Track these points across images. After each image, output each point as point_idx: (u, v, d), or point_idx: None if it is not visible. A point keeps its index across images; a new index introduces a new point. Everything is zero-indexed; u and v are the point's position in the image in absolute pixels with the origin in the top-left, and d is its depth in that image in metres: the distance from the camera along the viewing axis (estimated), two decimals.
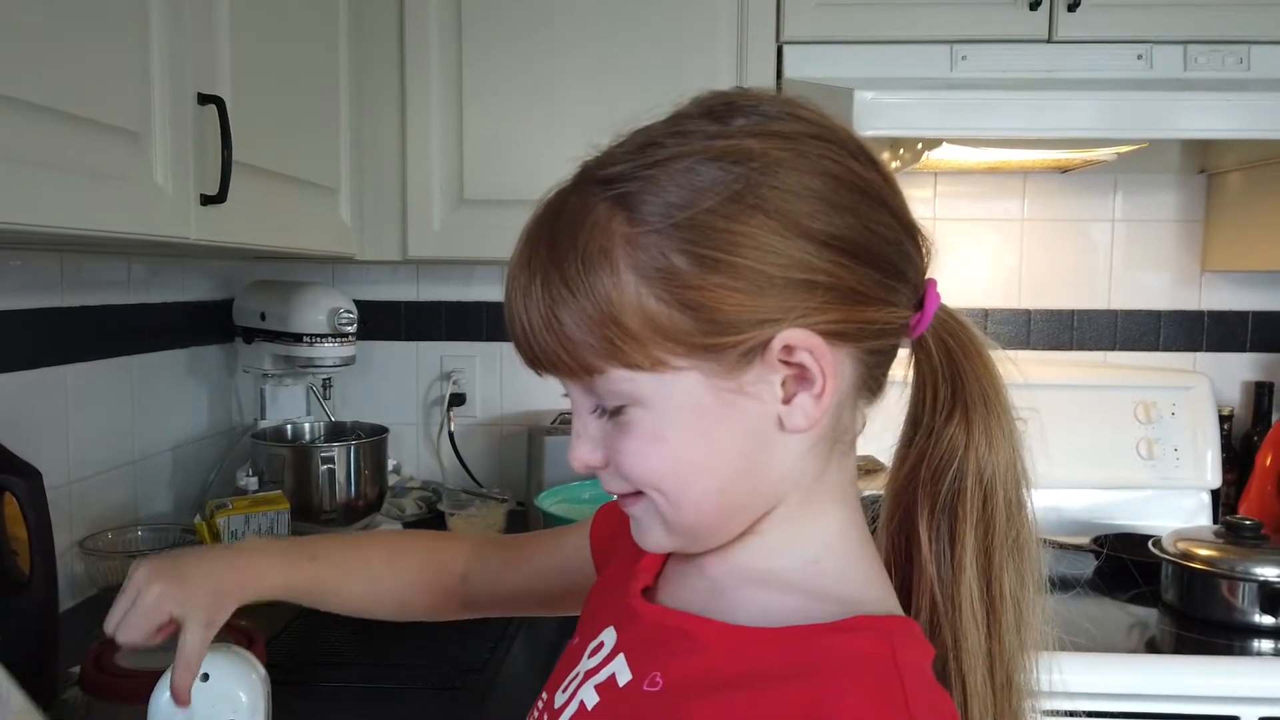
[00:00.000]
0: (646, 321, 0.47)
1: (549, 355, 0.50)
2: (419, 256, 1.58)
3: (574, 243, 0.48)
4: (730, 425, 0.50)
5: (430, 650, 1.18)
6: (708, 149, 0.48)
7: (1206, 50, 1.45)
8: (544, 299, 0.49)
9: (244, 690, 0.71)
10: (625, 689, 0.53)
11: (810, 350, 0.49)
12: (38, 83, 0.76)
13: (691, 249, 0.47)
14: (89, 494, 1.36)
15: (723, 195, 0.47)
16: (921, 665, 0.49)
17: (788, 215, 0.48)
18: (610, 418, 0.51)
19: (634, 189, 0.48)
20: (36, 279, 1.26)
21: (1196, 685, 1.22)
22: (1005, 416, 0.55)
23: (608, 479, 0.54)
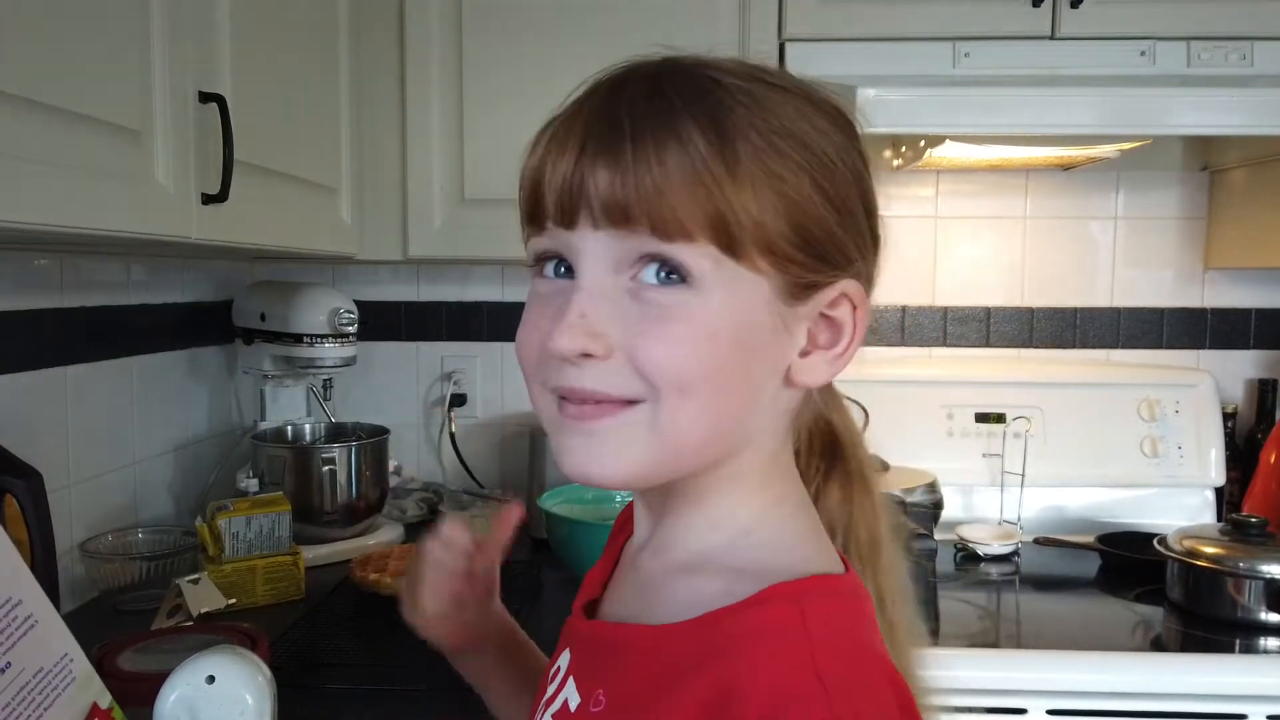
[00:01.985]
0: (755, 206, 0.46)
1: (631, 205, 0.45)
2: (420, 256, 1.57)
3: (703, 103, 0.46)
4: (766, 350, 0.49)
5: (435, 652, 1.17)
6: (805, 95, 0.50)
7: (1210, 46, 1.45)
8: (660, 145, 0.45)
9: (250, 692, 0.70)
10: (575, 714, 0.52)
11: (857, 307, 0.50)
12: (39, 80, 0.75)
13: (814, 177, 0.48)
14: (89, 496, 1.35)
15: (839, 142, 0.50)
16: (838, 622, 0.47)
17: (860, 179, 0.51)
18: (654, 295, 0.46)
19: (754, 90, 0.48)
20: (36, 280, 1.25)
21: (1203, 684, 1.22)
22: (872, 469, 0.59)
23: (599, 374, 0.47)
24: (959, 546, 1.61)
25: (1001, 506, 1.71)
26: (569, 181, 0.47)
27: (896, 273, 1.89)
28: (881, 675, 0.47)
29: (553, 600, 1.40)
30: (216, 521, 1.32)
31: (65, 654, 0.45)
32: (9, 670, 0.41)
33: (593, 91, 0.50)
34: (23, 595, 0.43)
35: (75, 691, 0.44)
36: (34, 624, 0.43)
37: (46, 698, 0.43)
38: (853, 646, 0.47)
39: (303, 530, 1.46)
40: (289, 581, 1.34)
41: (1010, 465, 1.70)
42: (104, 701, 0.46)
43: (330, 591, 1.37)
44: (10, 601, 0.42)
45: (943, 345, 1.90)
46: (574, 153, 0.47)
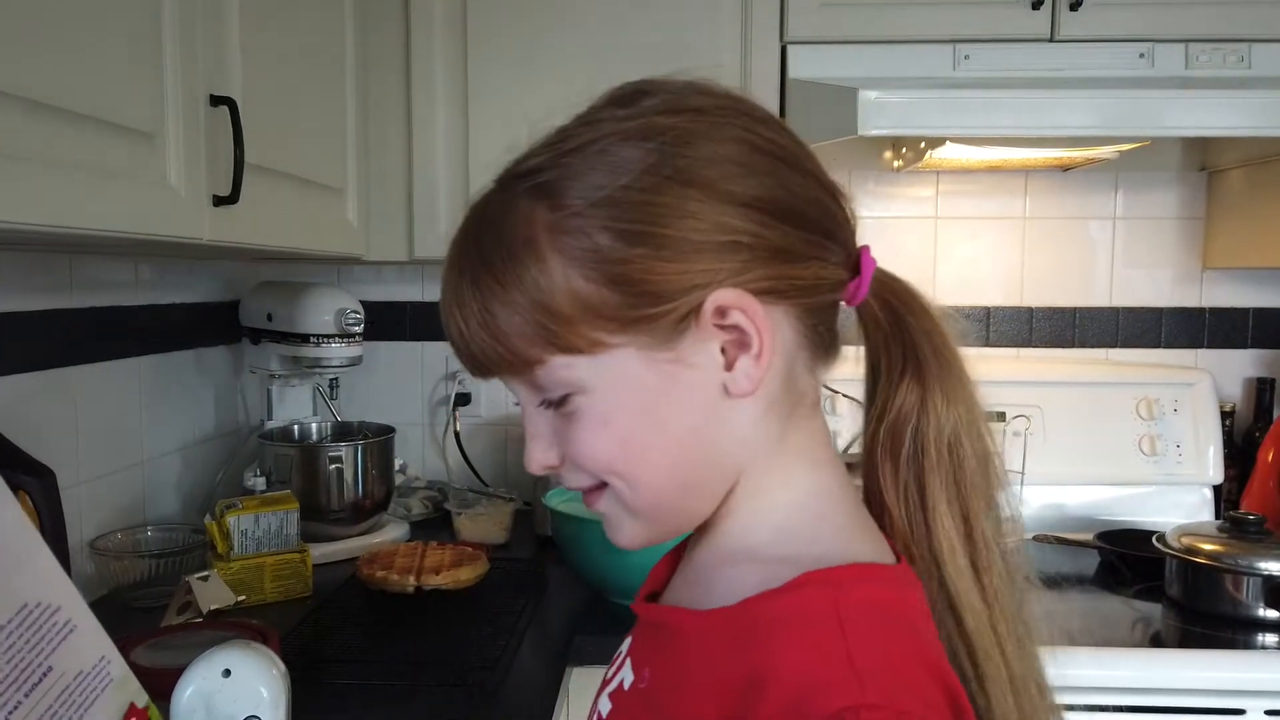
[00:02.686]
0: (576, 302, 0.48)
1: (488, 354, 0.51)
2: (425, 257, 1.59)
3: (498, 237, 0.50)
4: (674, 398, 0.50)
5: (442, 647, 1.19)
6: (619, 130, 0.50)
7: (1208, 49, 1.46)
8: (475, 297, 0.50)
9: (265, 686, 0.72)
10: (629, 692, 0.55)
11: (743, 309, 0.49)
12: (52, 83, 0.76)
13: (612, 225, 0.48)
14: (98, 494, 1.36)
15: (637, 170, 0.48)
16: (875, 608, 0.48)
17: (704, 182, 0.49)
18: (557, 410, 0.52)
19: (551, 177, 0.50)
20: (46, 280, 1.27)
21: (1202, 679, 1.23)
22: (958, 369, 0.55)
23: (567, 475, 0.54)
24: None
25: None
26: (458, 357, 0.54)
27: (897, 272, 1.91)
28: (921, 663, 0.46)
29: (557, 597, 1.41)
30: (225, 519, 1.33)
31: (103, 656, 0.46)
32: (50, 675, 0.43)
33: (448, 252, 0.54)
34: (61, 601, 0.44)
35: (113, 692, 0.46)
36: (72, 629, 0.44)
37: (86, 699, 0.44)
38: (890, 632, 0.47)
39: (309, 528, 1.47)
40: (297, 579, 1.36)
41: (1010, 463, 1.72)
42: (140, 701, 0.48)
43: (338, 589, 1.38)
44: (50, 608, 0.43)
45: None
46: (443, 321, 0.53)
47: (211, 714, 0.68)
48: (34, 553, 0.43)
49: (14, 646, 0.41)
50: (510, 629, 1.24)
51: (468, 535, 1.63)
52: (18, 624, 0.41)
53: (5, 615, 0.41)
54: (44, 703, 0.42)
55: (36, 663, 0.42)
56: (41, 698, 0.42)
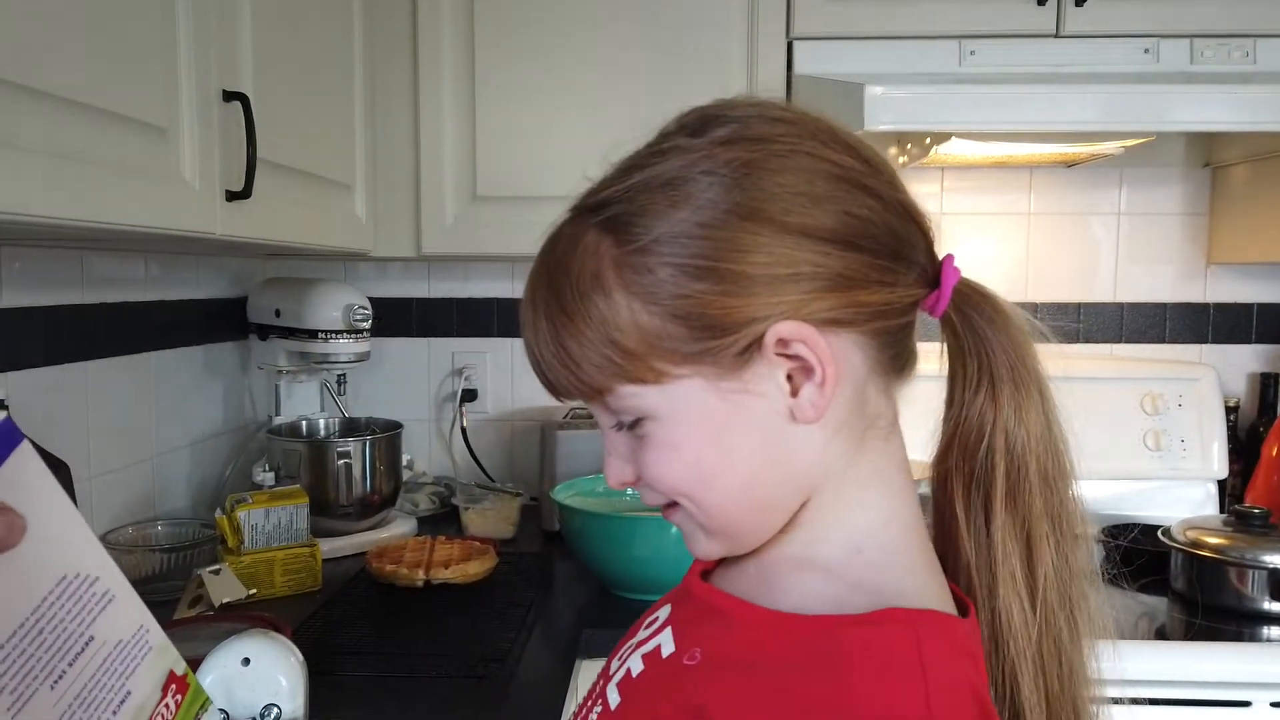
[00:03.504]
0: (642, 336, 0.50)
1: (562, 382, 0.53)
2: (432, 253, 1.59)
3: (567, 272, 0.52)
4: (741, 425, 0.51)
5: (452, 640, 1.20)
6: (686, 162, 0.51)
7: (1213, 44, 1.47)
8: (548, 330, 0.52)
9: (284, 674, 0.72)
10: (667, 660, 0.55)
11: (804, 340, 0.50)
12: (69, 78, 0.77)
13: (675, 260, 0.49)
14: (109, 489, 1.37)
15: (701, 205, 0.49)
16: (950, 660, 0.49)
17: (768, 216, 0.49)
18: (630, 432, 0.54)
19: (618, 211, 0.51)
20: (58, 276, 1.27)
21: (1207, 672, 1.23)
22: (1035, 386, 0.55)
23: (644, 493, 0.56)
24: None
25: None
26: None
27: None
28: (982, 712, 0.48)
29: (565, 591, 1.42)
30: (236, 513, 1.34)
31: (141, 625, 0.47)
32: (92, 644, 0.43)
33: None
34: (100, 572, 0.45)
35: (153, 659, 0.47)
36: (111, 598, 0.45)
37: (127, 667, 0.45)
38: (962, 682, 0.49)
39: (317, 523, 1.48)
40: (307, 573, 1.36)
41: None
42: (179, 669, 0.49)
43: (347, 583, 1.39)
44: (89, 578, 0.44)
45: None
46: None
47: (231, 701, 0.69)
48: (71, 524, 0.44)
49: (57, 617, 0.42)
50: (519, 622, 1.25)
51: (475, 530, 1.63)
52: (59, 594, 0.42)
53: (47, 586, 0.42)
54: (87, 671, 0.43)
55: (79, 632, 0.43)
56: (85, 666, 0.43)
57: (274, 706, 0.70)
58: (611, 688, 0.58)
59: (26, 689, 0.40)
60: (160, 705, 0.47)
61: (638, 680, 0.56)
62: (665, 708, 0.53)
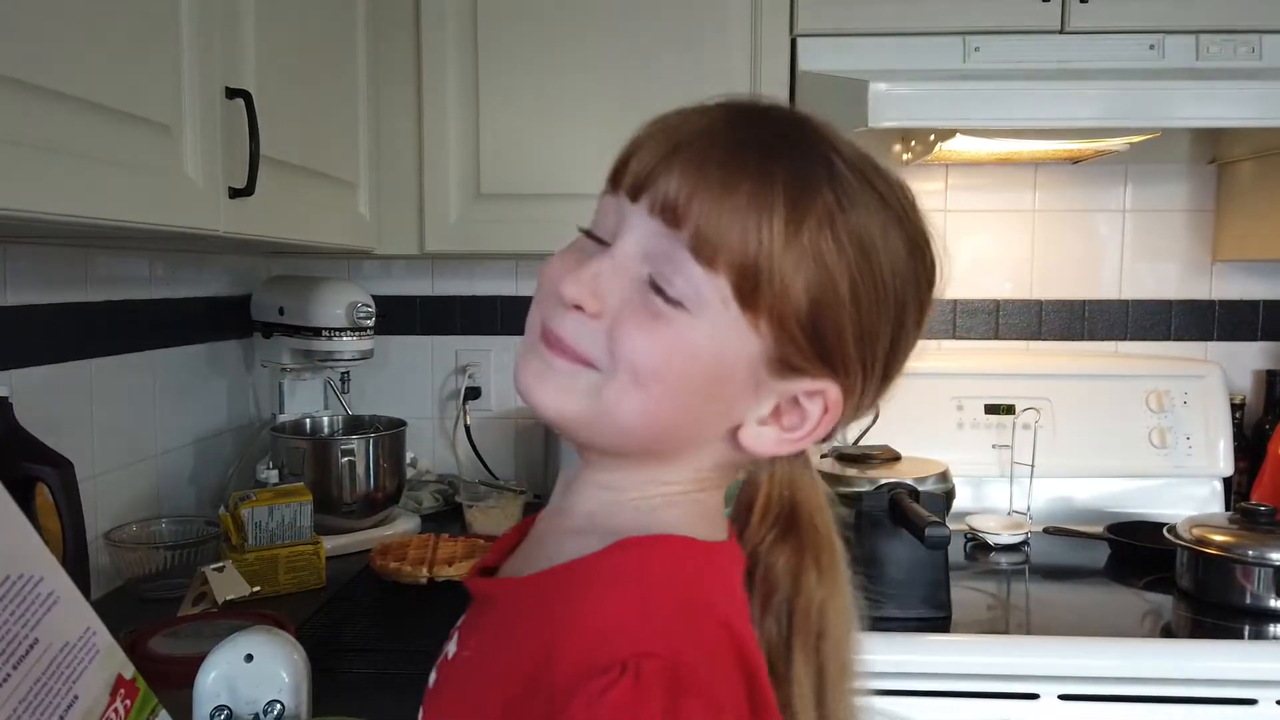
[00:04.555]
0: (785, 282, 0.48)
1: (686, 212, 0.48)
2: (436, 250, 1.59)
3: (797, 176, 0.48)
4: (729, 396, 0.51)
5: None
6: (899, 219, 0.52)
7: (1219, 40, 1.46)
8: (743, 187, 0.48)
9: (286, 670, 0.72)
10: (453, 661, 0.55)
11: (828, 411, 0.52)
12: (75, 75, 0.77)
13: (857, 271, 0.49)
14: (113, 487, 1.37)
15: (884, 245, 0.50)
16: (680, 567, 0.49)
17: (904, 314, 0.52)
18: (654, 298, 0.49)
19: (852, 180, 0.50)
20: (62, 274, 1.27)
21: (1213, 669, 1.23)
22: (834, 554, 0.57)
23: (578, 326, 0.50)
24: (969, 536, 1.63)
25: (1011, 497, 1.73)
26: (653, 165, 0.50)
27: None
28: (717, 621, 0.48)
29: None
30: (240, 511, 1.34)
31: (88, 628, 0.46)
32: (36, 646, 0.43)
33: (724, 104, 0.52)
34: (44, 573, 0.44)
35: (101, 663, 0.46)
36: (55, 600, 0.44)
37: (74, 671, 0.44)
38: (692, 590, 0.49)
39: (321, 521, 1.47)
40: (310, 570, 1.36)
41: (1020, 456, 1.72)
42: (128, 672, 0.48)
43: (350, 580, 1.39)
44: (32, 580, 0.43)
45: (952, 337, 1.91)
46: (672, 144, 0.50)
47: (234, 698, 0.69)
48: (12, 525, 0.43)
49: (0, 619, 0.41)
50: None
51: (479, 528, 1.63)
52: (1, 595, 0.41)
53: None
54: (32, 674, 0.42)
55: (22, 635, 0.42)
56: (30, 670, 0.42)
57: (277, 703, 0.70)
58: (421, 706, 0.57)
59: None
60: (109, 709, 0.46)
61: (434, 690, 0.56)
62: (451, 707, 0.53)
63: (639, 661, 0.44)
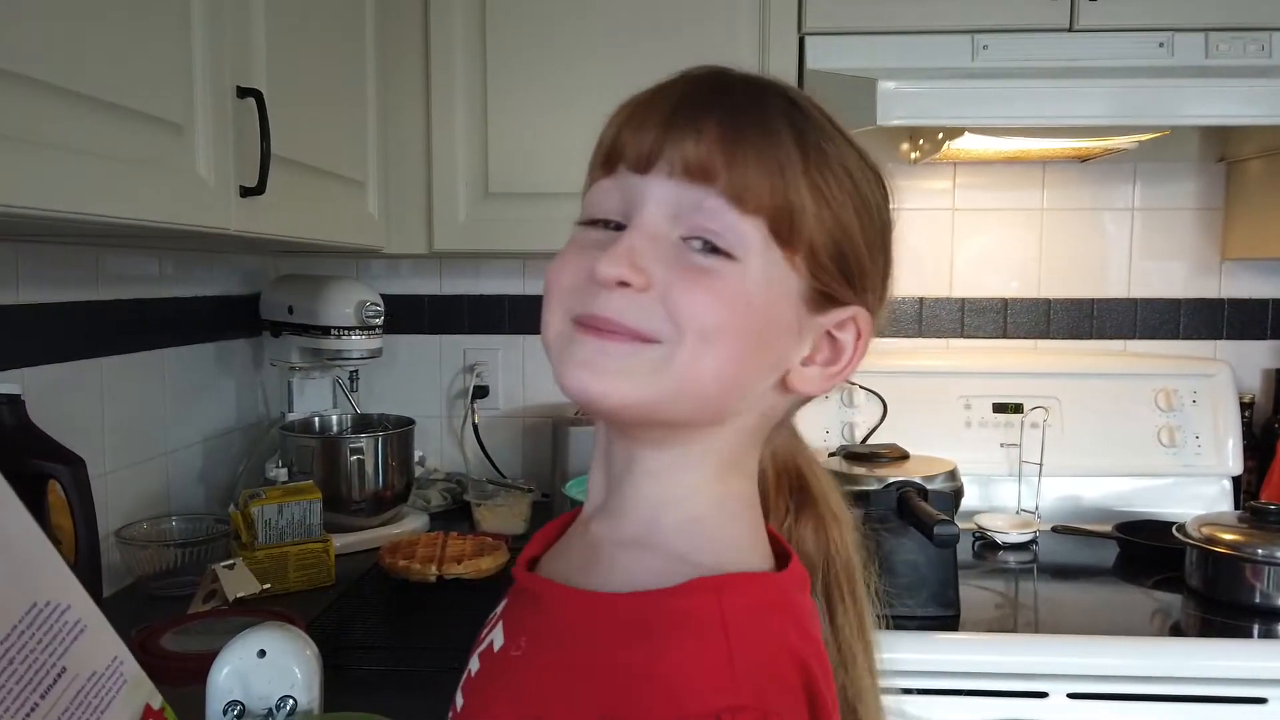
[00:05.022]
0: (814, 215, 0.51)
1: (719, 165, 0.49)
2: (445, 249, 1.59)
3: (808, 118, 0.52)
4: (778, 339, 0.52)
5: (464, 635, 1.19)
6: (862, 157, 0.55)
7: (1228, 37, 1.46)
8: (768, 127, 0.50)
9: (299, 666, 0.72)
10: (498, 654, 0.55)
11: (862, 333, 0.54)
12: (87, 73, 0.77)
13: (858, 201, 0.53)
14: (123, 485, 1.38)
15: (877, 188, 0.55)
16: (760, 616, 0.50)
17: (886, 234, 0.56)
18: (700, 256, 0.49)
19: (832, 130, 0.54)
20: (74, 273, 1.28)
21: (1223, 668, 1.23)
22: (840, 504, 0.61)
23: (630, 304, 0.49)
24: (977, 535, 1.63)
25: (1019, 496, 1.73)
26: (658, 133, 0.51)
27: (914, 265, 1.92)
28: (794, 662, 0.49)
29: None
30: (249, 509, 1.34)
31: (115, 657, 0.45)
32: (64, 676, 0.42)
33: (690, 73, 0.54)
34: (71, 600, 0.43)
35: (128, 694, 0.45)
36: (83, 629, 0.44)
37: (101, 701, 0.44)
38: (769, 642, 0.50)
39: (330, 519, 1.48)
40: (320, 568, 1.37)
41: (1028, 455, 1.72)
42: (155, 702, 0.47)
43: (360, 578, 1.40)
44: (60, 607, 0.42)
45: (960, 336, 1.91)
46: (665, 113, 0.51)
47: (247, 693, 0.69)
48: (41, 552, 0.43)
49: (27, 646, 0.40)
50: None
51: (487, 526, 1.63)
52: (29, 623, 0.40)
53: (17, 614, 0.40)
54: (60, 704, 0.41)
55: (50, 663, 0.41)
56: (58, 699, 0.41)
57: (289, 698, 0.70)
58: (459, 690, 0.57)
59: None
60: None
61: (476, 679, 0.56)
62: (498, 703, 0.52)
63: (733, 715, 0.45)
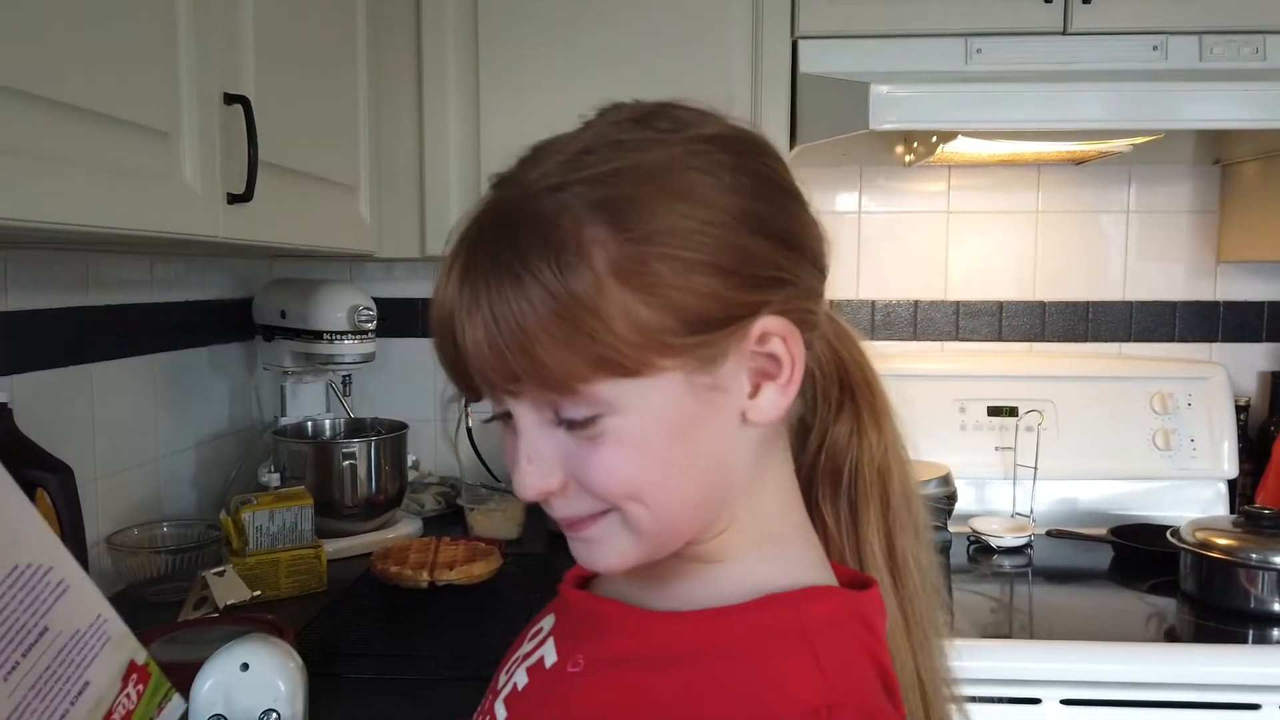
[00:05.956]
0: (634, 326, 0.46)
1: (510, 367, 0.46)
2: (437, 253, 1.59)
3: (546, 247, 0.46)
4: (707, 423, 0.50)
5: (456, 641, 1.20)
6: (669, 157, 0.49)
7: (1222, 41, 1.46)
8: (512, 309, 0.45)
9: (282, 679, 0.72)
10: (551, 670, 0.55)
11: (784, 337, 0.50)
12: (72, 83, 0.77)
13: (675, 254, 0.47)
14: (114, 491, 1.37)
15: (698, 200, 0.48)
16: (838, 624, 0.51)
17: (759, 218, 0.49)
18: (577, 430, 0.48)
19: (607, 195, 0.47)
20: (64, 278, 1.28)
21: (1217, 674, 1.22)
22: (884, 400, 0.60)
23: (566, 503, 0.51)
24: (971, 539, 1.62)
25: (1014, 499, 1.72)
26: (457, 365, 0.49)
27: (909, 267, 1.91)
28: (875, 666, 0.51)
29: None
30: (240, 515, 1.34)
31: (99, 615, 0.46)
32: (46, 635, 0.43)
33: (455, 247, 0.50)
34: (53, 562, 0.44)
35: (112, 649, 0.46)
36: (65, 589, 0.44)
37: (85, 658, 0.45)
38: (848, 640, 0.51)
39: (323, 524, 1.48)
40: (311, 574, 1.36)
41: (1023, 458, 1.71)
42: (140, 658, 0.48)
43: (352, 584, 1.39)
44: (41, 568, 0.43)
45: (955, 339, 1.91)
46: (449, 337, 0.48)
47: (230, 707, 0.69)
48: (22, 514, 0.44)
49: (8, 607, 0.41)
50: (524, 623, 1.24)
51: (481, 531, 1.63)
52: (9, 584, 0.41)
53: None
54: (42, 662, 0.43)
55: (32, 623, 0.42)
56: (39, 657, 0.42)
57: (273, 711, 0.70)
58: (499, 703, 0.57)
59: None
60: (121, 695, 0.47)
61: (524, 693, 0.56)
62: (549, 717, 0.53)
63: (831, 711, 0.46)
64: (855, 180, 1.89)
